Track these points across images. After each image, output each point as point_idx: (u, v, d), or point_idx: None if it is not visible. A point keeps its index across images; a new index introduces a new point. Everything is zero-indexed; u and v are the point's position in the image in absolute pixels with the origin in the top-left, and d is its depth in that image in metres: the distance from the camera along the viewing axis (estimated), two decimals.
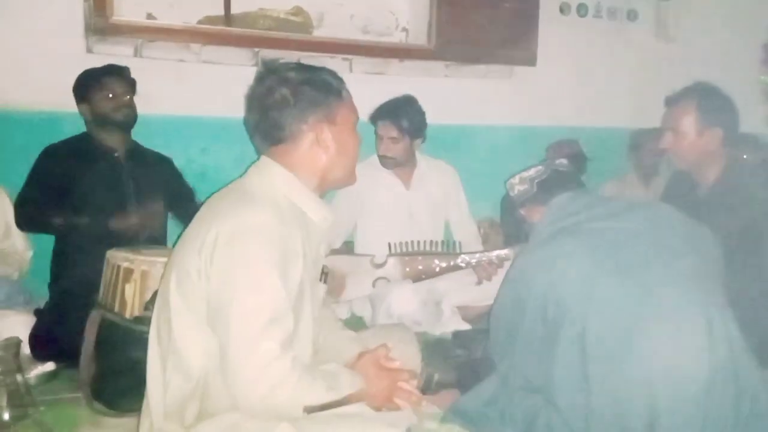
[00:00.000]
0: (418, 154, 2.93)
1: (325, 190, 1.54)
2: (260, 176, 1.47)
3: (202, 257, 1.34)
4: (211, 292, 1.34)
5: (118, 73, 2.51)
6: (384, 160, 2.84)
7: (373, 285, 2.64)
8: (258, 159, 1.51)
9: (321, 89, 1.46)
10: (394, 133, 2.77)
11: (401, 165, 2.87)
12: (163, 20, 2.93)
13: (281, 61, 1.52)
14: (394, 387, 1.51)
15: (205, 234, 1.35)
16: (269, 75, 1.46)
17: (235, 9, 2.99)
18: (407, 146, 2.82)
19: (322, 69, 1.51)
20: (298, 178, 1.46)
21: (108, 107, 2.45)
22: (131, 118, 2.51)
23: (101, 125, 2.48)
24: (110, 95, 2.46)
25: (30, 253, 2.64)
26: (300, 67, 1.50)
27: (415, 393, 1.55)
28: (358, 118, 1.55)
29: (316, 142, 1.46)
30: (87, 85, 2.47)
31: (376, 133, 2.82)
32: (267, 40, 2.99)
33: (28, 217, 2.41)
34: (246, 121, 1.51)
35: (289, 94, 1.43)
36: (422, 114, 2.84)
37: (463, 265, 2.58)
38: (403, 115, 2.77)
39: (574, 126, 3.55)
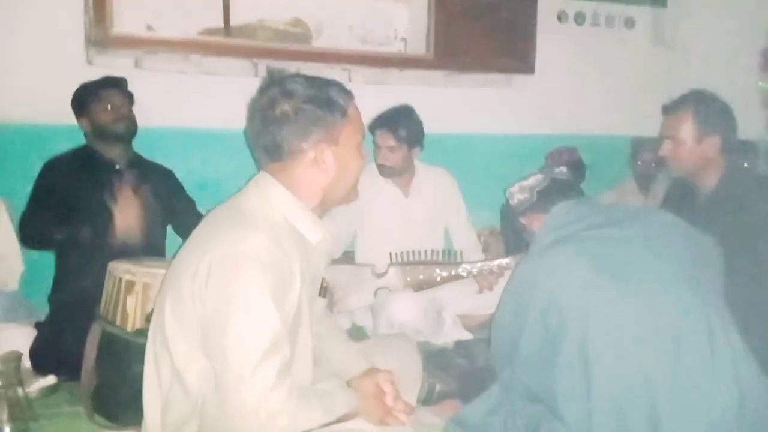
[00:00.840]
0: (416, 162, 2.94)
1: (326, 209, 1.49)
2: (258, 194, 1.42)
3: (197, 283, 1.31)
4: (206, 319, 1.31)
5: (115, 84, 2.51)
6: (382, 169, 2.85)
7: (375, 295, 2.63)
8: (258, 173, 1.47)
9: (325, 107, 1.39)
10: (392, 142, 2.79)
11: (399, 173, 2.88)
12: (162, 32, 2.94)
13: (288, 73, 1.47)
14: (387, 412, 1.48)
15: (199, 259, 1.31)
16: (273, 86, 1.40)
17: (235, 20, 3.00)
18: (405, 155, 2.83)
19: (330, 84, 1.44)
20: (298, 197, 1.41)
21: (107, 119, 2.46)
22: (131, 130, 2.51)
23: (101, 138, 2.48)
24: (108, 107, 2.46)
25: (21, 268, 2.61)
26: (307, 80, 1.42)
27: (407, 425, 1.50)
28: (364, 136, 1.51)
29: (315, 163, 1.40)
30: (85, 98, 2.47)
31: (374, 142, 2.83)
32: (266, 51, 3.00)
33: (31, 235, 2.40)
34: (247, 133, 1.47)
35: (291, 111, 1.37)
36: (419, 123, 2.86)
37: (464, 274, 2.58)
38: (400, 125, 2.78)
39: (573, 134, 3.56)
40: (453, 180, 3.02)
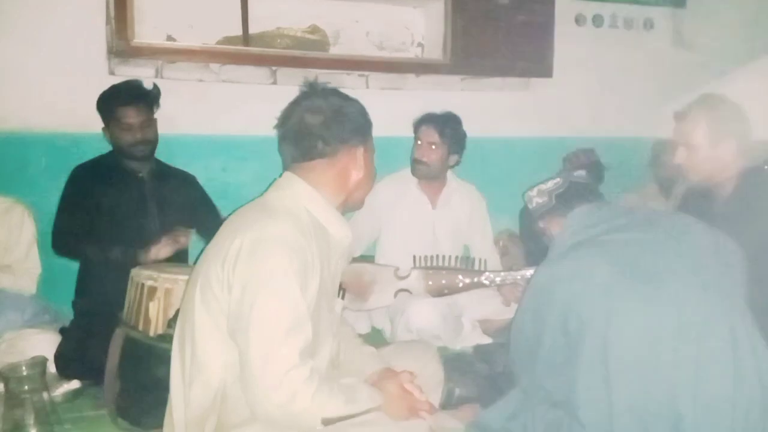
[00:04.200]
0: (449, 174, 2.95)
1: (344, 209, 1.57)
2: (281, 191, 1.50)
3: (225, 268, 1.37)
4: (233, 301, 1.36)
5: (136, 96, 2.46)
6: (417, 166, 2.86)
7: (395, 296, 2.63)
8: (281, 175, 1.54)
9: (362, 115, 1.55)
10: (435, 138, 2.81)
11: (432, 178, 2.89)
12: (182, 41, 2.98)
13: (322, 83, 1.59)
14: (412, 411, 1.51)
15: (228, 246, 1.38)
16: (315, 95, 1.53)
17: (253, 29, 3.03)
18: (443, 156, 2.84)
19: (356, 99, 1.59)
20: (322, 195, 1.50)
21: (124, 141, 2.44)
22: (147, 152, 2.50)
23: (121, 153, 2.50)
24: (126, 127, 2.43)
25: (38, 270, 2.64)
26: (340, 93, 1.58)
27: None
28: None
29: (352, 162, 1.52)
30: (106, 111, 2.46)
31: (415, 139, 2.87)
32: (285, 58, 3.03)
33: (63, 245, 2.43)
34: (283, 133, 1.54)
35: (339, 114, 1.50)
36: (464, 134, 2.90)
37: (487, 282, 2.57)
38: (447, 125, 2.83)
39: (592, 137, 3.52)
40: (482, 199, 3.03)
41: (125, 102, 2.44)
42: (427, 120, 2.85)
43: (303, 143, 1.50)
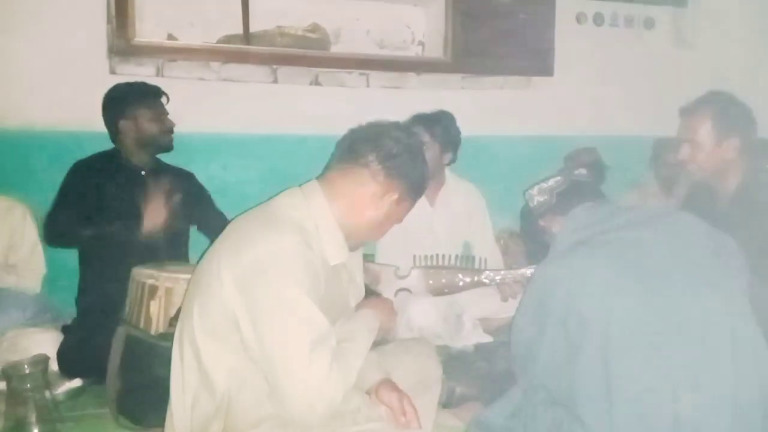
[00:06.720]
0: (447, 172, 2.94)
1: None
2: (290, 199, 1.48)
3: (228, 287, 1.36)
4: (244, 323, 1.35)
5: (158, 95, 2.53)
6: None
7: (395, 295, 2.63)
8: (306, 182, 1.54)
9: (421, 178, 1.56)
10: (426, 138, 2.78)
11: None
12: (183, 40, 2.98)
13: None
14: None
15: (231, 264, 1.37)
16: (409, 132, 1.59)
17: (254, 27, 3.03)
18: (436, 156, 2.82)
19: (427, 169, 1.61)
20: (334, 212, 1.47)
21: (155, 130, 2.49)
22: (171, 145, 2.55)
23: (141, 145, 2.50)
24: (162, 116, 2.50)
25: (43, 270, 2.66)
26: (424, 153, 1.61)
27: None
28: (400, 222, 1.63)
29: (380, 196, 1.50)
30: (135, 102, 2.48)
31: None
32: (285, 57, 3.03)
33: (56, 232, 2.42)
34: (356, 130, 1.56)
35: (409, 152, 1.51)
36: (458, 131, 2.86)
37: (487, 281, 2.57)
38: (437, 124, 2.80)
39: (593, 135, 3.54)
40: (481, 198, 3.01)
41: (156, 93, 2.52)
42: (417, 121, 2.81)
43: (359, 145, 1.50)
